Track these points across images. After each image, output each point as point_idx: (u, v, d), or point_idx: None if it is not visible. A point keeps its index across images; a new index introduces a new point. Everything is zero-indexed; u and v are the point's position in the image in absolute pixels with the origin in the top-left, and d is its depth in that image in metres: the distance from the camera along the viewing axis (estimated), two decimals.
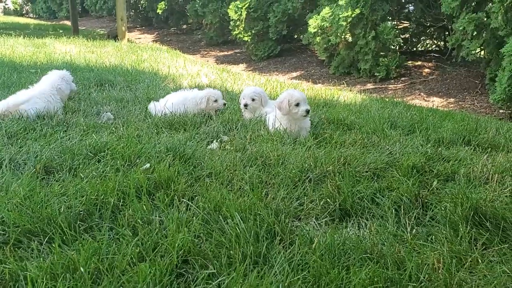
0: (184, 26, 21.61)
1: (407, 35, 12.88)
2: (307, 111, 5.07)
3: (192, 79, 9.19)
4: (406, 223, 3.16)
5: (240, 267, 2.38)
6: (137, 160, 3.90)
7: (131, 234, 2.66)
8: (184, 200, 3.18)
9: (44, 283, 2.18)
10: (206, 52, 16.61)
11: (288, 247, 2.69)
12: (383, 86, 10.89)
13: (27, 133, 4.64)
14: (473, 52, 9.44)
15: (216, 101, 5.98)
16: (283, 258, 2.51)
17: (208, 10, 16.35)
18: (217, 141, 4.85)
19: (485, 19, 8.99)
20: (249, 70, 13.41)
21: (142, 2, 22.62)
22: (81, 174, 3.54)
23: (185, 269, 2.40)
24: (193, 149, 4.35)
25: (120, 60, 11.09)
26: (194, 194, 3.34)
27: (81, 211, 2.94)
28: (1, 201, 2.99)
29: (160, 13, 20.35)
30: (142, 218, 2.86)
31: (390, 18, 11.95)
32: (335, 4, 11.62)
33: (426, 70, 11.58)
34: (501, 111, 8.38)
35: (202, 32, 18.19)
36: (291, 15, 13.69)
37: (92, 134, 4.64)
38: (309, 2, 13.48)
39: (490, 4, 9.00)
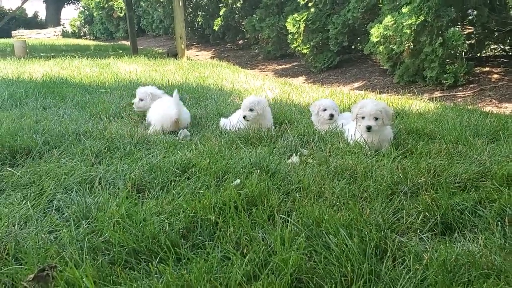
0: (241, 42, 21.77)
1: (472, 41, 12.48)
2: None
3: (257, 93, 9.19)
4: None
5: (356, 285, 2.30)
6: (225, 176, 3.89)
7: (237, 252, 2.61)
8: (282, 216, 3.12)
9: None
10: (264, 66, 16.64)
11: (400, 264, 2.58)
12: (451, 93, 10.57)
13: (111, 152, 4.72)
14: None
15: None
16: (398, 276, 2.40)
17: (265, 25, 16.40)
18: (296, 155, 4.78)
19: None
20: (309, 82, 13.32)
21: (198, 19, 22.97)
22: (173, 191, 3.54)
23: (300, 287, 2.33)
24: (275, 163, 4.31)
25: (184, 78, 11.24)
26: (289, 210, 3.28)
27: (181, 228, 2.92)
28: (102, 220, 3.01)
29: (216, 29, 20.59)
30: (244, 234, 2.81)
31: (453, 24, 11.61)
32: (397, 13, 11.40)
33: (495, 76, 11.17)
34: None
35: (259, 46, 18.25)
36: (351, 26, 13.54)
37: (175, 151, 4.67)
38: (369, 12, 13.28)
39: None
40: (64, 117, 6.26)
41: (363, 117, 5.11)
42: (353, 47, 15.42)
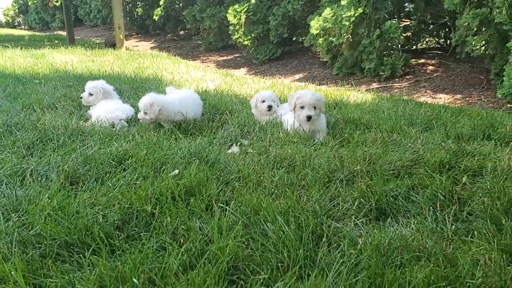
0: (182, 32, 21.55)
1: (408, 33, 12.85)
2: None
3: (198, 84, 9.13)
4: (444, 219, 3.11)
5: (292, 271, 2.33)
6: (163, 167, 3.84)
7: (174, 242, 2.59)
8: (220, 204, 3.12)
9: None
10: (205, 58, 16.54)
11: (335, 249, 2.63)
12: (388, 85, 10.86)
13: (44, 144, 4.57)
14: (477, 47, 9.41)
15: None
16: (333, 260, 2.46)
17: (206, 15, 16.28)
18: (237, 145, 4.79)
19: (489, 14, 8.95)
20: (251, 74, 13.34)
21: (137, 9, 22.54)
22: (109, 183, 3.48)
23: (237, 275, 2.34)
24: (215, 153, 4.30)
25: (122, 68, 11.02)
26: (228, 199, 3.28)
27: (115, 220, 2.87)
28: (33, 213, 2.92)
29: (156, 19, 20.27)
30: (181, 224, 2.80)
31: (390, 17, 11.91)
32: (336, 5, 11.58)
33: (430, 67, 11.55)
34: (509, 105, 8.33)
35: (200, 37, 18.11)
36: (291, 17, 13.64)
37: (111, 142, 4.58)
38: (309, 4, 13.42)
39: None
40: None
41: (302, 107, 5.20)
42: (294, 39, 15.56)
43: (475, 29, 9.21)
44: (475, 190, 3.53)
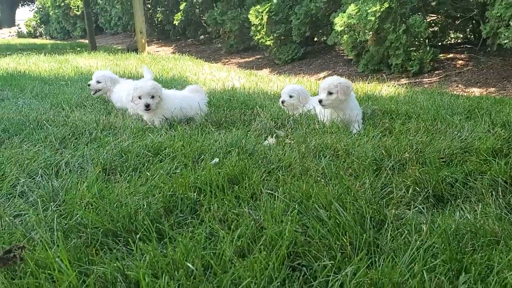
0: (202, 37, 21.47)
1: (435, 28, 12.56)
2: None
3: (224, 84, 8.97)
4: (508, 205, 2.87)
5: (358, 257, 2.12)
6: (201, 157, 3.66)
7: (225, 228, 2.40)
8: (268, 191, 2.92)
9: (146, 282, 1.92)
10: (227, 60, 16.39)
11: (399, 235, 2.40)
12: (418, 80, 10.58)
13: (76, 138, 4.43)
14: (511, 39, 9.10)
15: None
16: (399, 246, 2.24)
17: (227, 18, 16.15)
18: (272, 137, 4.59)
19: None
20: (274, 74, 13.14)
21: (157, 15, 22.53)
22: (147, 173, 3.30)
23: (297, 261, 2.13)
24: (252, 144, 4.11)
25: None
26: (273, 187, 3.08)
27: (159, 208, 2.69)
28: (72, 202, 2.75)
29: (177, 24, 20.22)
30: (229, 211, 2.60)
31: (416, 12, 11.63)
32: (360, 1, 11.36)
33: (460, 62, 11.25)
34: None
35: (221, 40, 17.99)
36: (314, 16, 13.44)
37: (144, 136, 4.42)
38: (332, 2, 13.20)
39: None
40: (23, 107, 5.90)
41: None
42: (315, 39, 15.36)
43: (508, 19, 8.92)
44: None
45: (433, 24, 12.51)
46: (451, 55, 11.78)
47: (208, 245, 2.20)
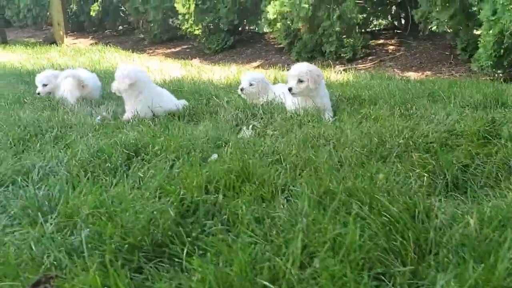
0: (121, 27, 20.60)
1: (364, 15, 12.70)
2: None
3: (162, 76, 8.55)
4: None
5: (429, 255, 1.92)
6: (192, 153, 3.32)
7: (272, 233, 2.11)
8: (294, 188, 2.65)
9: None
10: (151, 51, 15.76)
11: (447, 228, 2.21)
12: (352, 66, 10.63)
13: (34, 138, 3.93)
14: (443, 23, 9.32)
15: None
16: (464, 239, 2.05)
17: (150, 7, 15.51)
18: (248, 128, 4.32)
19: None
20: (206, 64, 12.79)
21: (71, 6, 21.32)
22: (139, 174, 2.93)
23: (375, 269, 1.88)
24: (234, 136, 3.83)
25: (73, 63, 10.21)
26: (287, 182, 2.81)
27: (175, 215, 2.34)
28: (69, 214, 2.34)
29: (93, 15, 19.24)
30: (256, 213, 2.32)
31: None
32: None
33: (391, 47, 11.45)
34: (486, 78, 8.27)
35: (144, 30, 17.28)
36: (242, 4, 13.19)
37: (110, 133, 4.01)
38: None
39: None
40: None
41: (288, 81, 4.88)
42: (244, 28, 15.15)
43: (440, 4, 9.13)
44: None
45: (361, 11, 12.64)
46: (381, 41, 11.98)
47: (261, 255, 1.90)
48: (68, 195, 2.52)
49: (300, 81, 4.79)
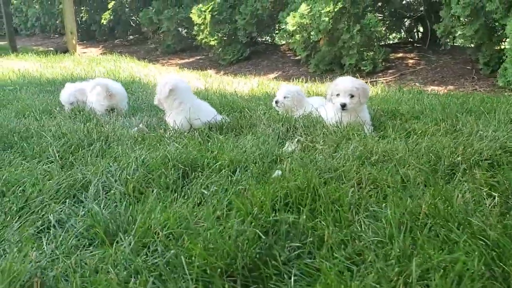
0: (131, 37, 20.56)
1: (383, 28, 12.66)
2: None
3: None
4: None
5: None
6: (249, 168, 3.22)
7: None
8: (375, 208, 2.54)
9: None
10: (165, 61, 15.68)
11: None
12: (373, 80, 10.54)
13: (79, 151, 3.82)
14: (468, 37, 9.26)
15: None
16: None
17: (164, 17, 15.46)
18: (292, 142, 4.22)
19: (479, 2, 8.80)
20: (222, 75, 12.71)
21: (82, 14, 21.33)
22: (202, 190, 2.82)
23: None
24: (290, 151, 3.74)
25: (90, 73, 10.12)
26: (359, 201, 2.71)
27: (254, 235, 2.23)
28: (147, 232, 2.23)
29: (104, 24, 19.22)
30: (341, 233, 2.21)
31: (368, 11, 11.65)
32: (312, 0, 11.19)
33: (411, 61, 11.37)
34: (510, 93, 8.18)
35: (156, 40, 17.23)
36: (260, 16, 13.13)
37: (154, 146, 3.91)
38: (277, 1, 12.94)
39: None
40: None
41: (337, 95, 4.76)
42: (259, 39, 15.11)
43: (466, 19, 9.07)
44: None
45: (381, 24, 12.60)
46: (400, 55, 11.90)
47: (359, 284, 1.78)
48: (135, 213, 2.41)
49: (351, 96, 4.70)
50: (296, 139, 4.28)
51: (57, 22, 22.90)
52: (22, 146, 3.83)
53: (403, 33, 13.74)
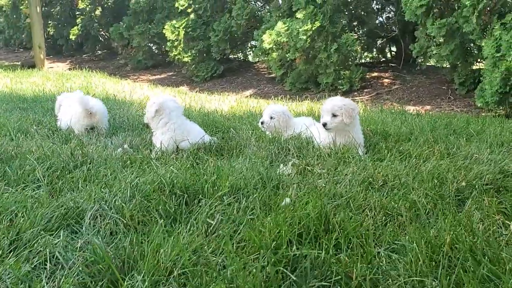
0: (99, 52, 20.18)
1: (358, 48, 12.72)
2: None
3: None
4: None
5: None
6: (251, 195, 3.06)
7: None
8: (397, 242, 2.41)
9: None
10: (136, 77, 15.39)
11: None
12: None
13: (65, 174, 3.59)
14: (443, 57, 9.34)
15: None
16: None
17: (135, 32, 15.25)
18: (286, 165, 4.08)
19: (455, 23, 8.89)
20: (195, 92, 12.51)
21: (49, 29, 20.82)
22: (208, 220, 2.64)
23: None
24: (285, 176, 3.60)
25: (62, 89, 9.79)
26: (376, 233, 2.58)
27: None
28: (157, 271, 2.05)
29: (73, 39, 18.84)
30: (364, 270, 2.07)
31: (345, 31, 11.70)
32: (288, 19, 11.17)
33: (386, 80, 11.43)
34: (488, 113, 8.26)
35: (127, 56, 16.93)
36: (234, 33, 13.06)
37: (142, 169, 3.71)
38: (253, 19, 12.89)
39: (458, 10, 8.91)
40: None
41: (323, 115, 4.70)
42: (233, 56, 15.03)
43: (442, 39, 9.16)
44: None
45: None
46: (375, 74, 11.96)
47: None
48: (141, 247, 2.22)
49: (334, 115, 4.60)
50: (290, 162, 4.15)
51: (23, 36, 22.34)
52: (4, 170, 3.57)
53: (375, 53, 13.81)
